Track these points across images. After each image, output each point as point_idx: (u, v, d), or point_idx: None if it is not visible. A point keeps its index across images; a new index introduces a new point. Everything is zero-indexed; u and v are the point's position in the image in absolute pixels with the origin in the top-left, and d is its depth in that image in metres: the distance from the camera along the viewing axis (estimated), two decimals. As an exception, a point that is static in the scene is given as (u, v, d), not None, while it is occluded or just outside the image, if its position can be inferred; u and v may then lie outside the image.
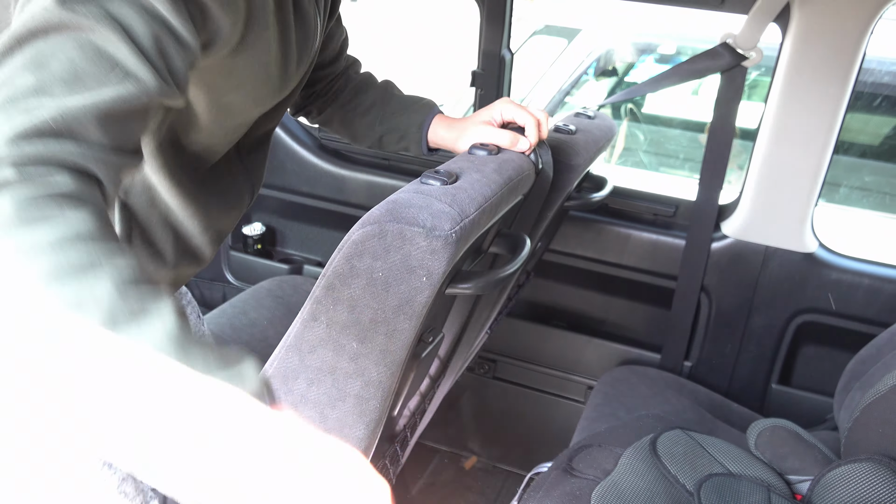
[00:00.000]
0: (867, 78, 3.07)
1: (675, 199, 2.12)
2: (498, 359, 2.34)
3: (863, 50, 1.74)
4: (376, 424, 1.00)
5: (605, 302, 2.27)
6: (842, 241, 2.01)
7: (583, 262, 2.20)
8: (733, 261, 2.02)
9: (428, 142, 1.39)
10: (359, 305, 0.92)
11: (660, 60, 3.92)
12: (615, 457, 1.59)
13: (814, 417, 2.03)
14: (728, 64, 1.85)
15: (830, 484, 1.48)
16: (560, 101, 3.58)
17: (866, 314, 1.94)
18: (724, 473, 1.54)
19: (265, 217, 2.59)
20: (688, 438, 1.64)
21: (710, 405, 2.00)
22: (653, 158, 3.86)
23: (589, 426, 1.79)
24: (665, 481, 1.50)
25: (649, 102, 3.93)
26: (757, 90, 3.31)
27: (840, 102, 1.79)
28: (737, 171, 2.80)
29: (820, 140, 1.83)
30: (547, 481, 1.55)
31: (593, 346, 2.24)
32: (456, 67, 3.28)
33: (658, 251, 2.10)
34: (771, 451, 1.63)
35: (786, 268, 1.98)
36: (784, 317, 2.02)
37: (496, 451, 2.48)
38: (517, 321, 2.29)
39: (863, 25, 1.71)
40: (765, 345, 2.06)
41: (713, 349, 2.12)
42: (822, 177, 1.88)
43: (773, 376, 2.09)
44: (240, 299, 2.12)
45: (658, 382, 2.00)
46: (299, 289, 2.22)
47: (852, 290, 1.94)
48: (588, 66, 3.72)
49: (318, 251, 2.56)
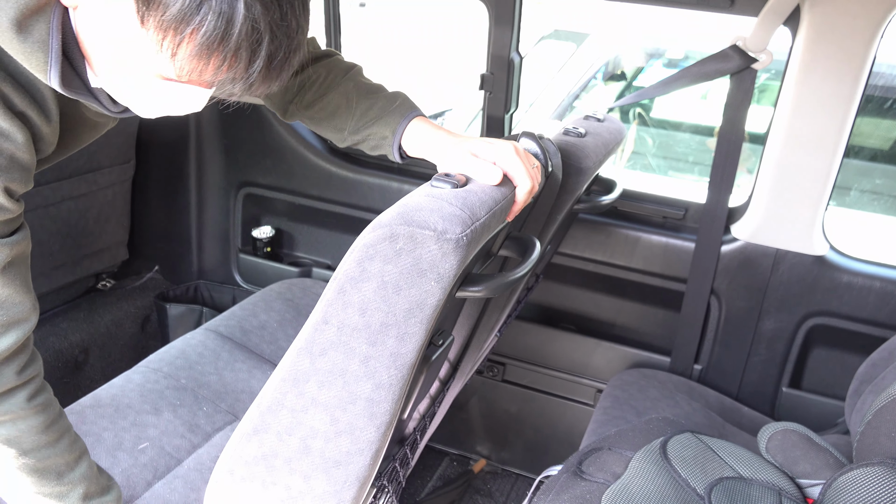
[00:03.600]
0: (878, 81, 3.06)
1: (685, 202, 2.11)
2: (507, 362, 2.34)
3: (873, 52, 1.73)
4: (387, 427, 1.00)
5: (614, 305, 2.26)
6: (853, 243, 2.00)
7: (592, 265, 2.20)
8: (743, 264, 2.01)
9: (405, 151, 1.28)
10: (369, 309, 0.92)
11: (668, 65, 3.92)
12: (625, 460, 1.59)
13: (825, 421, 2.02)
14: (738, 66, 1.85)
15: (842, 488, 1.47)
16: (569, 105, 3.58)
17: (878, 317, 1.93)
18: (735, 477, 1.53)
19: (274, 220, 2.60)
20: (698, 442, 1.63)
21: (720, 408, 1.99)
22: (661, 162, 3.86)
23: (598, 429, 1.79)
24: (675, 485, 1.50)
25: (658, 106, 3.93)
26: (766, 94, 3.30)
27: (850, 105, 1.78)
28: (746, 175, 2.79)
29: (830, 143, 1.82)
30: (557, 485, 1.54)
31: (602, 349, 2.23)
32: (465, 71, 3.29)
33: (668, 254, 2.10)
34: (782, 454, 1.62)
35: (796, 271, 1.97)
36: (794, 320, 2.01)
37: (505, 454, 2.48)
38: (526, 324, 2.29)
39: (873, 28, 1.70)
40: (775, 348, 2.05)
41: (723, 352, 2.11)
42: (833, 180, 1.87)
43: (784, 380, 2.08)
44: (249, 302, 2.12)
45: (668, 385, 2.00)
46: (309, 291, 2.23)
47: (863, 293, 1.93)
48: (597, 71, 3.72)
49: (328, 254, 2.57)
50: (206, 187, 2.60)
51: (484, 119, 2.22)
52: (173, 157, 2.56)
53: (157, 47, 0.81)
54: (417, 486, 2.37)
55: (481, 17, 2.09)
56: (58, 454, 1.06)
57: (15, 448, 1.00)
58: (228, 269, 2.66)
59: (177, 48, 0.81)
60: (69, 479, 1.08)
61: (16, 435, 0.99)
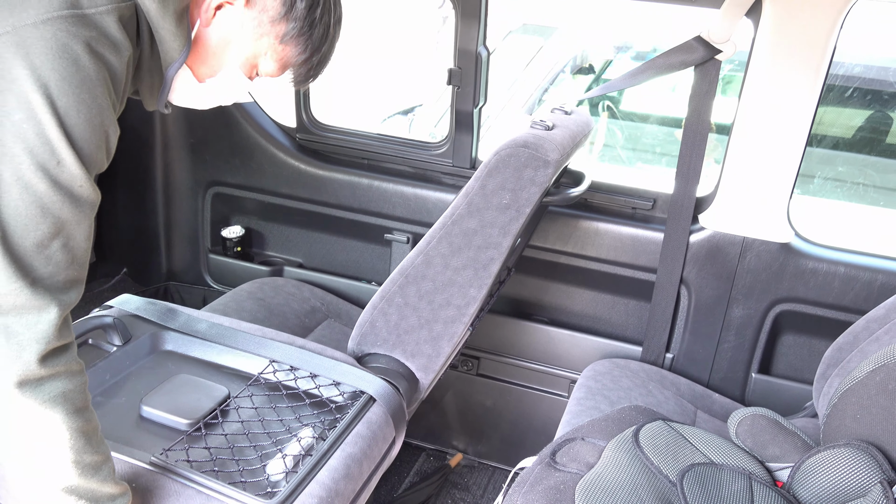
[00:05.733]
0: (839, 70, 3.11)
1: (654, 193, 2.13)
2: (481, 356, 2.35)
3: (834, 42, 1.77)
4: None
5: (585, 296, 2.28)
6: (817, 230, 2.04)
7: (563, 258, 2.21)
8: (711, 252, 2.04)
9: None
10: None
11: (636, 58, 3.95)
12: (598, 450, 1.60)
13: (794, 405, 2.06)
14: (702, 57, 1.87)
15: (810, 470, 1.50)
16: (538, 98, 3.59)
17: (842, 302, 1.97)
18: (706, 463, 1.55)
19: (244, 219, 2.58)
20: (670, 430, 1.65)
21: (691, 396, 2.02)
22: (631, 154, 3.89)
23: (572, 420, 1.80)
24: (648, 472, 1.51)
25: (627, 99, 3.96)
26: (731, 86, 3.34)
27: (813, 94, 1.81)
28: (713, 165, 2.83)
29: (794, 132, 1.85)
30: (531, 476, 1.55)
31: (575, 340, 2.25)
32: (434, 67, 3.28)
33: (637, 244, 2.12)
34: (752, 439, 1.65)
35: (763, 258, 2.00)
36: (762, 307, 2.04)
37: (482, 447, 2.48)
38: (499, 317, 2.30)
39: (833, 18, 1.73)
40: (744, 335, 2.09)
41: (694, 340, 2.14)
42: (797, 168, 1.90)
43: (753, 366, 2.11)
44: (220, 302, 2.10)
45: (640, 375, 2.02)
46: (280, 290, 2.21)
47: (828, 278, 1.96)
48: (565, 64, 3.74)
49: (299, 252, 2.55)
50: (174, 187, 2.56)
51: (453, 114, 2.22)
52: (139, 157, 2.52)
53: (275, 51, 1.14)
54: (394, 483, 2.36)
55: (450, 12, 2.09)
56: (96, 419, 1.07)
57: (69, 404, 1.00)
58: (198, 269, 2.63)
59: (289, 55, 1.15)
60: (104, 450, 1.08)
61: (70, 389, 1.00)
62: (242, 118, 2.40)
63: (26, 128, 0.91)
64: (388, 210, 2.33)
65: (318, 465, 1.31)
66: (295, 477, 1.27)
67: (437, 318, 1.60)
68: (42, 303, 0.94)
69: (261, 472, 1.28)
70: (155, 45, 1.08)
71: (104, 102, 0.97)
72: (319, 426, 1.43)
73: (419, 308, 1.60)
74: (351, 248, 2.47)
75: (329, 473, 1.31)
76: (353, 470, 1.36)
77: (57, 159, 0.93)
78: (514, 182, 1.52)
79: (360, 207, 2.37)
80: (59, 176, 0.94)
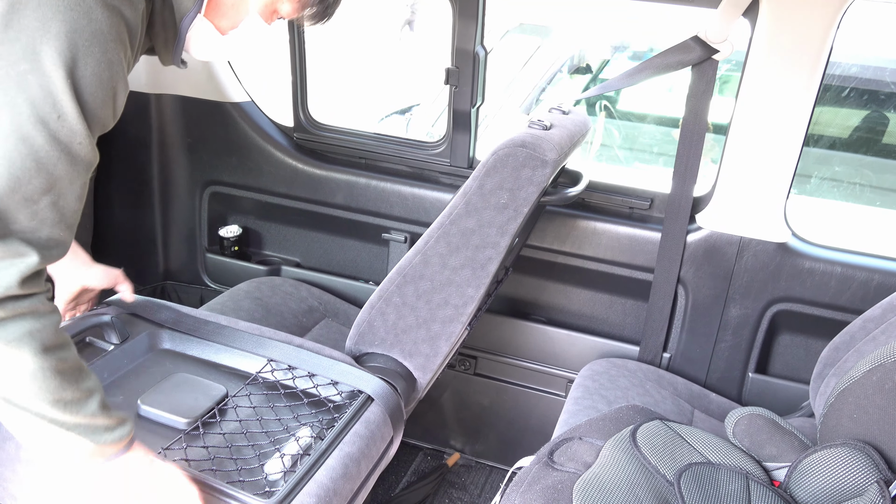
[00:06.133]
0: (835, 70, 3.12)
1: (651, 193, 2.14)
2: (479, 355, 2.35)
3: (831, 42, 1.77)
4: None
5: (583, 296, 2.28)
6: (814, 230, 2.04)
7: (561, 257, 2.21)
8: (708, 252, 2.04)
9: None
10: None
11: (633, 57, 3.95)
12: (596, 449, 1.60)
13: (791, 405, 2.06)
14: (699, 57, 1.87)
15: (807, 470, 1.51)
16: (535, 98, 3.60)
17: (839, 301, 1.97)
18: (704, 462, 1.56)
19: (241, 219, 2.57)
20: (667, 429, 1.65)
21: (688, 395, 2.02)
22: (628, 153, 3.89)
23: (570, 419, 1.80)
24: (645, 472, 1.52)
25: (624, 99, 3.97)
26: (728, 85, 3.35)
27: (809, 94, 1.81)
28: (710, 165, 2.83)
29: (790, 132, 1.86)
30: (528, 476, 1.55)
31: (573, 340, 2.25)
32: (432, 67, 3.28)
33: (634, 244, 2.12)
34: (749, 439, 1.65)
35: (760, 258, 2.00)
36: (759, 306, 2.05)
37: (479, 446, 2.49)
38: (497, 317, 2.30)
39: (830, 18, 1.73)
40: (741, 334, 2.09)
41: (691, 340, 2.14)
42: (794, 168, 1.91)
43: (750, 365, 2.11)
44: (218, 302, 2.10)
45: (637, 374, 2.02)
46: (278, 290, 2.21)
47: (825, 278, 1.97)
48: (562, 64, 3.74)
49: (296, 252, 2.55)
50: (171, 186, 2.56)
51: (450, 114, 2.22)
52: (136, 156, 2.52)
53: None
54: (392, 482, 2.36)
55: (447, 12, 2.09)
56: (75, 358, 1.04)
57: (37, 343, 0.97)
58: (195, 269, 2.63)
59: None
60: (86, 387, 1.05)
61: (38, 328, 0.97)
62: (239, 117, 2.40)
63: (31, 79, 0.90)
64: (385, 209, 2.33)
65: (316, 465, 1.31)
66: (293, 476, 1.27)
67: (435, 317, 1.60)
68: (11, 253, 0.93)
69: (259, 472, 1.28)
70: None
71: (115, 57, 0.96)
72: (317, 425, 1.43)
73: (417, 307, 1.60)
74: (348, 247, 2.47)
75: (327, 473, 1.31)
76: (350, 469, 1.36)
77: (58, 113, 0.91)
78: (512, 182, 1.53)
79: (358, 207, 2.37)
80: (59, 131, 0.92)
